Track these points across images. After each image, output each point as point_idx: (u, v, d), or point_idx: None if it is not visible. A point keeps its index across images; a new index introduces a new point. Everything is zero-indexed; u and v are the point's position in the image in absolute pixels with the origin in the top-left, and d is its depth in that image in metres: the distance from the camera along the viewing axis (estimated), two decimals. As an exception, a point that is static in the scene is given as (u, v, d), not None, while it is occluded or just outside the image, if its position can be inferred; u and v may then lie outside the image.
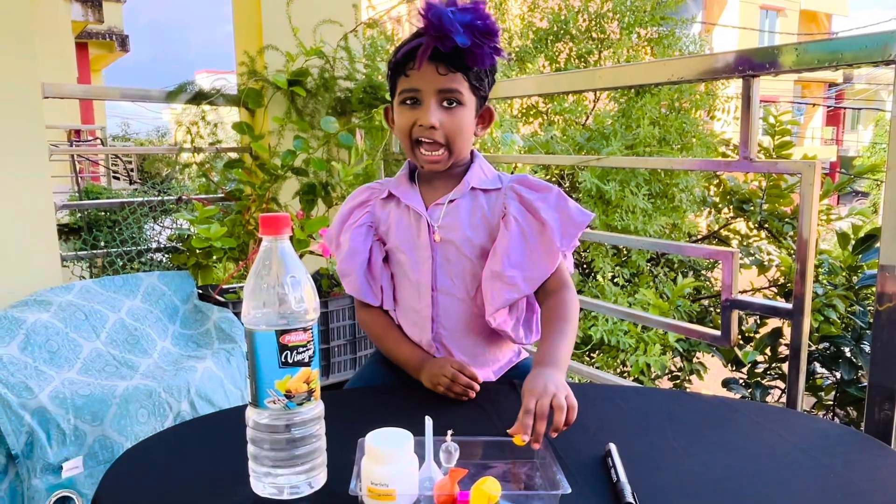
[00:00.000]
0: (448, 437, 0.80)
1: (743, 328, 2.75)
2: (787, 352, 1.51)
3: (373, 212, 1.24)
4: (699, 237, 3.91)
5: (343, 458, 0.83)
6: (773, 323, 2.60)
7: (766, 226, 3.12)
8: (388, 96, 2.31)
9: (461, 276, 1.19)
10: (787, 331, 2.28)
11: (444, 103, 1.11)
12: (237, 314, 2.07)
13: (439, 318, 1.20)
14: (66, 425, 1.49)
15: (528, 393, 0.92)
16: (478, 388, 1.09)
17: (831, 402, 2.40)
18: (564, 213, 1.14)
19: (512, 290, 1.14)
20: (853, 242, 2.37)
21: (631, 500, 0.76)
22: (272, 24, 2.47)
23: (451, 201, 1.18)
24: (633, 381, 2.86)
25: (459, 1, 1.06)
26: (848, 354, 2.28)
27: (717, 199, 3.52)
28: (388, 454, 0.74)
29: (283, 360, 0.77)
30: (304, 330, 0.78)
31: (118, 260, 2.35)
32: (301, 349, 0.78)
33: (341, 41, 2.46)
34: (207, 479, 0.84)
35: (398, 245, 1.21)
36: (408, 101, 1.13)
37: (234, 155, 2.55)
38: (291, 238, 0.80)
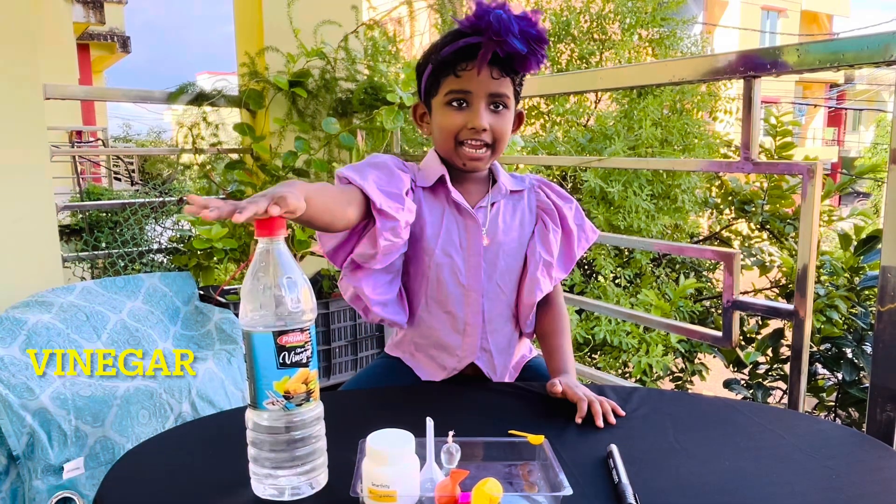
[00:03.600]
0: (449, 438, 0.80)
1: (744, 329, 2.74)
2: (789, 353, 1.50)
3: (417, 197, 1.15)
4: (701, 238, 3.90)
5: (344, 459, 0.83)
6: (775, 324, 2.59)
7: (768, 226, 3.12)
8: (389, 97, 2.33)
9: (504, 278, 1.19)
10: (788, 332, 2.28)
11: (492, 106, 1.11)
12: (238, 315, 2.07)
13: (485, 323, 1.19)
14: (68, 426, 1.49)
15: (569, 388, 1.05)
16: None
17: (833, 404, 2.39)
18: (581, 226, 1.23)
19: (550, 283, 1.19)
20: (855, 243, 2.37)
21: (632, 501, 0.76)
22: (273, 25, 2.48)
23: (493, 204, 1.18)
24: (635, 381, 2.86)
25: (510, 6, 1.05)
26: (850, 355, 2.27)
27: (719, 200, 3.52)
28: (390, 455, 0.74)
29: (280, 361, 0.77)
30: (302, 331, 0.78)
31: (119, 261, 2.35)
32: (299, 350, 0.78)
33: (342, 42, 2.47)
34: (208, 481, 0.84)
35: (445, 248, 1.14)
36: (455, 103, 1.11)
37: (235, 156, 2.55)
38: (292, 239, 0.80)
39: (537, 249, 1.18)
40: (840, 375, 2.30)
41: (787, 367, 2.52)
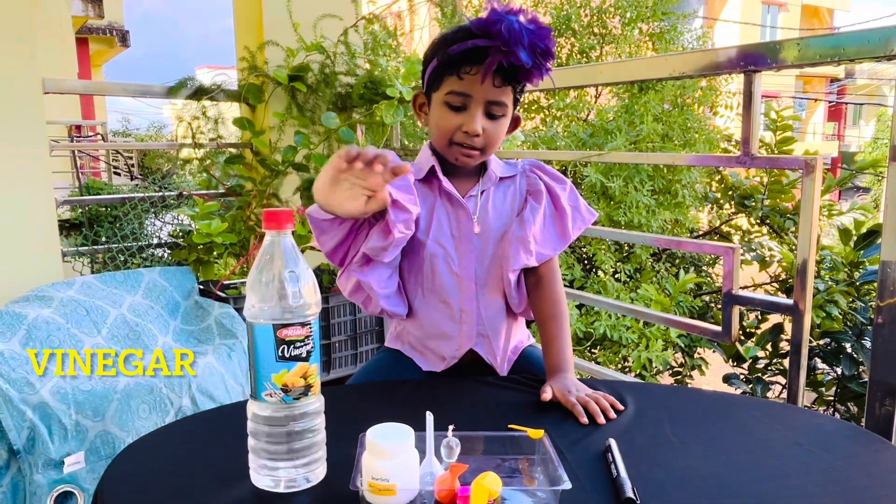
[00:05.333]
0: (449, 433, 0.80)
1: (744, 324, 2.74)
2: (788, 347, 1.51)
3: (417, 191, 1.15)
4: (701, 233, 3.90)
5: (344, 453, 0.83)
6: (775, 319, 2.60)
7: (768, 221, 3.12)
8: (389, 92, 2.33)
9: (495, 263, 1.19)
10: (788, 326, 2.28)
11: (489, 113, 1.11)
12: (238, 310, 2.07)
13: (480, 309, 1.20)
14: (68, 420, 1.49)
15: (562, 394, 1.05)
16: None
17: (832, 398, 2.40)
18: (576, 207, 1.23)
19: (529, 257, 1.17)
20: (855, 238, 2.37)
21: (631, 495, 0.76)
22: (272, 18, 2.47)
23: (482, 192, 1.19)
24: (634, 376, 2.86)
25: (520, 16, 1.04)
26: (849, 350, 2.28)
27: (719, 195, 3.52)
28: (389, 449, 0.74)
29: (279, 354, 0.77)
30: (303, 325, 0.78)
31: (119, 255, 2.35)
32: (299, 344, 0.78)
33: (341, 36, 2.46)
34: (208, 474, 0.85)
35: (438, 238, 1.17)
36: (453, 104, 1.11)
37: (234, 150, 2.55)
38: (293, 234, 0.80)
39: (512, 227, 1.19)
40: (839, 370, 2.31)
41: (786, 362, 2.53)
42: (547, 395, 1.05)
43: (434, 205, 1.18)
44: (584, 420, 0.99)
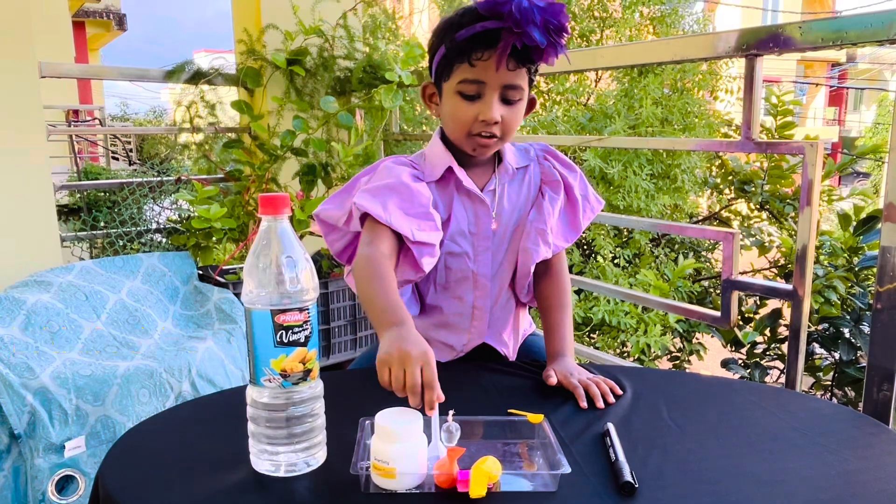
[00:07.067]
0: (450, 417, 0.81)
1: (743, 309, 2.75)
2: (787, 333, 1.51)
3: (434, 194, 1.13)
4: (700, 218, 3.90)
5: (345, 437, 0.84)
6: (773, 304, 2.60)
7: (768, 207, 3.11)
8: (388, 76, 2.31)
9: (511, 258, 1.18)
10: (786, 312, 2.28)
11: (505, 98, 1.06)
12: (237, 295, 2.07)
13: (494, 305, 1.19)
14: (68, 405, 1.50)
15: (564, 376, 1.06)
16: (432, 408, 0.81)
17: (830, 383, 2.41)
18: (586, 196, 1.22)
19: (548, 250, 1.16)
20: (854, 223, 2.37)
21: (629, 479, 0.76)
22: (271, 2, 2.45)
23: (501, 186, 1.17)
24: (633, 361, 2.87)
25: None
26: (847, 335, 2.28)
27: (719, 180, 3.51)
28: (396, 433, 0.75)
29: (277, 339, 0.77)
30: (301, 310, 0.78)
31: (118, 241, 2.35)
32: (297, 329, 0.78)
33: (340, 19, 2.44)
34: (208, 458, 0.85)
35: (454, 235, 1.14)
36: (467, 93, 1.06)
37: (233, 135, 2.53)
38: (291, 219, 0.80)
39: (529, 219, 1.17)
40: (837, 355, 2.31)
41: (784, 347, 2.54)
42: (553, 379, 1.05)
43: (451, 201, 1.14)
44: (584, 404, 1.00)
